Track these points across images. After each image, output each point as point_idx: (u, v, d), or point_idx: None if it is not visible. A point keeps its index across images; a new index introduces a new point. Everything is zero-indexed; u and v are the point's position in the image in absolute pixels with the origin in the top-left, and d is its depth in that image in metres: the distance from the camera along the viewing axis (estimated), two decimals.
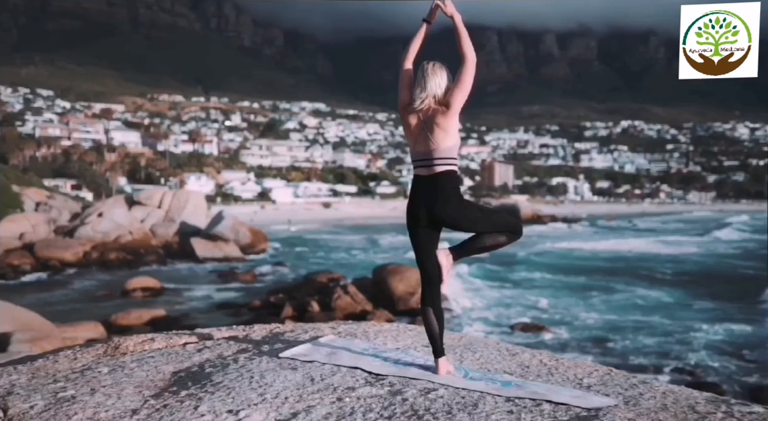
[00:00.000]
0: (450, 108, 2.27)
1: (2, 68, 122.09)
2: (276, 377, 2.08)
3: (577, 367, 2.39)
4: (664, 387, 2.12)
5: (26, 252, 24.23)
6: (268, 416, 1.74)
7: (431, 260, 2.32)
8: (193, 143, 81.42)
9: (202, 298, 20.07)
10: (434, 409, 1.82)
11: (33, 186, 35.06)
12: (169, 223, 30.21)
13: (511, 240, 2.35)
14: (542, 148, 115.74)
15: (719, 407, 1.89)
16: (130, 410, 1.78)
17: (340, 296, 16.95)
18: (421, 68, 2.35)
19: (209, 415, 1.74)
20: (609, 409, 1.87)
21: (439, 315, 2.33)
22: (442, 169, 2.26)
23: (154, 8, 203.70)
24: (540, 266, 27.13)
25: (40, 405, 1.81)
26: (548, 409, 1.85)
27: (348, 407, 1.83)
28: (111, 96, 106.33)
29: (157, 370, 2.19)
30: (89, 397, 1.86)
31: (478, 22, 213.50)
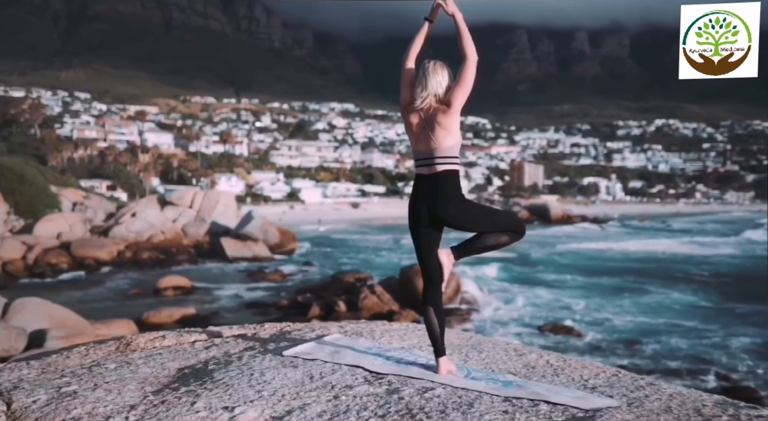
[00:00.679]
0: (451, 107, 2.26)
1: (43, 72, 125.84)
2: (275, 375, 2.11)
3: (584, 368, 2.37)
4: (672, 389, 2.09)
5: (63, 251, 24.84)
6: (263, 412, 1.76)
7: (432, 260, 2.32)
8: (224, 144, 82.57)
9: (232, 297, 20.31)
10: (429, 408, 1.83)
11: (70, 187, 35.99)
12: (200, 223, 30.68)
13: (514, 240, 2.33)
14: (573, 147, 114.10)
15: (726, 410, 1.86)
16: (129, 406, 1.82)
17: (366, 296, 16.99)
18: (422, 67, 2.34)
19: (205, 411, 1.77)
20: (608, 410, 1.86)
21: (440, 314, 2.32)
22: (444, 168, 2.27)
23: (187, 11, 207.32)
24: (570, 267, 26.76)
25: (42, 400, 1.87)
26: (545, 409, 1.84)
27: (343, 405, 1.85)
28: (145, 98, 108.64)
29: (163, 367, 2.24)
30: (90, 392, 1.91)
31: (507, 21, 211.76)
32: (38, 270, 23.17)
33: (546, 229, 50.13)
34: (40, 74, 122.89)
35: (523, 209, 59.95)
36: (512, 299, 19.40)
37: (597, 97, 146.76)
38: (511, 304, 18.73)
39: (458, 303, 17.86)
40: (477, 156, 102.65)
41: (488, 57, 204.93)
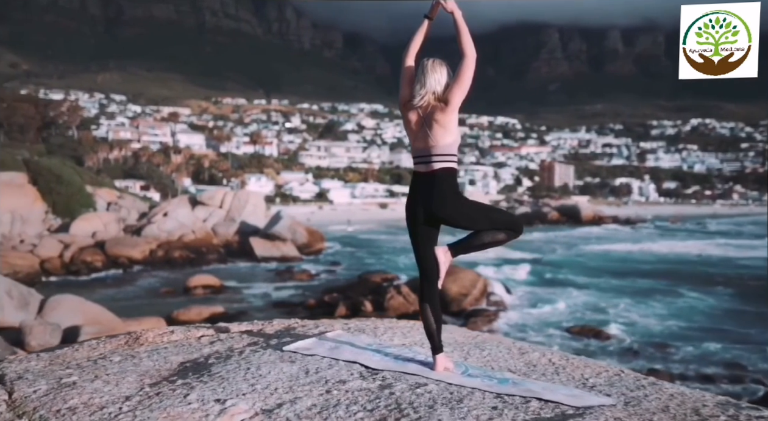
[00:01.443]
0: (449, 105, 2.25)
1: (81, 75, 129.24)
2: (271, 369, 2.14)
3: (587, 367, 2.35)
4: (674, 389, 2.06)
5: (98, 249, 25.43)
6: (254, 405, 1.79)
7: (429, 257, 2.32)
8: (254, 145, 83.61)
9: (260, 296, 20.53)
10: (418, 403, 1.83)
11: (105, 187, 36.85)
12: (230, 222, 31.10)
13: (511, 237, 2.32)
14: (605, 147, 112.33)
15: (726, 410, 1.83)
16: (124, 397, 1.87)
17: (393, 296, 17.01)
18: (420, 65, 2.34)
19: (196, 403, 1.81)
20: (600, 408, 1.84)
21: (437, 312, 2.33)
22: (441, 166, 2.26)
23: (219, 14, 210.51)
24: (600, 269, 26.36)
25: (42, 390, 1.93)
26: (535, 406, 1.83)
27: (334, 399, 1.87)
28: (178, 100, 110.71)
29: (166, 360, 2.29)
30: (89, 383, 1.97)
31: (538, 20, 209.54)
32: (74, 268, 23.76)
33: (576, 230, 49.47)
34: (78, 77, 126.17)
35: (552, 210, 59.25)
36: (540, 301, 19.19)
37: (630, 97, 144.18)
38: (539, 306, 18.53)
39: (485, 305, 17.75)
40: (506, 157, 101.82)
41: (518, 57, 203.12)
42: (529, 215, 58.53)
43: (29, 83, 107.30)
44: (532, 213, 58.90)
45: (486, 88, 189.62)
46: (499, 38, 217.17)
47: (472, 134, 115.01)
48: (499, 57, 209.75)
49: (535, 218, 56.84)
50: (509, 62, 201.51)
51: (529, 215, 58.48)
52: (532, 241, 39.66)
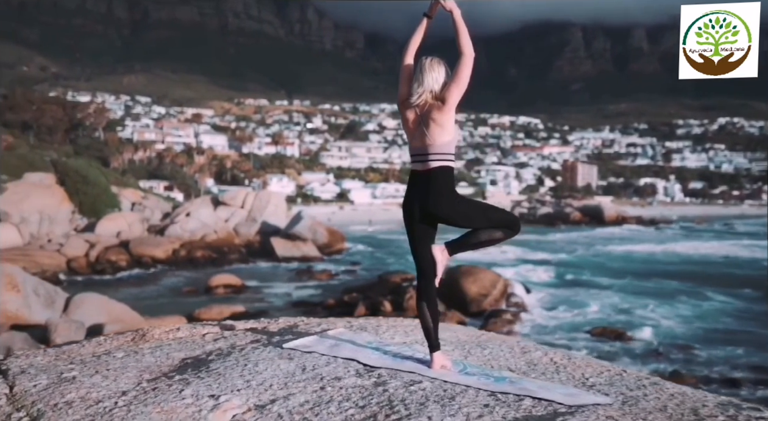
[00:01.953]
0: (446, 103, 2.25)
1: (107, 78, 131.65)
2: (268, 366, 2.16)
3: (588, 366, 2.34)
4: (675, 389, 2.03)
5: (122, 249, 25.83)
6: (248, 401, 1.82)
7: (426, 256, 2.33)
8: (275, 145, 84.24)
9: (281, 295, 20.64)
10: (410, 400, 1.84)
11: (130, 187, 37.47)
12: (251, 222, 31.36)
13: (508, 236, 2.32)
14: (629, 147, 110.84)
15: (726, 410, 1.80)
16: (121, 392, 1.91)
17: (412, 297, 16.95)
18: (419, 63, 2.34)
19: (191, 398, 1.84)
20: (594, 407, 1.83)
21: (434, 310, 2.33)
22: (437, 164, 2.26)
23: (241, 16, 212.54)
24: (623, 270, 26.01)
25: (42, 384, 1.99)
26: (527, 404, 1.83)
27: (328, 395, 1.89)
28: (201, 101, 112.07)
29: (168, 357, 2.33)
30: (88, 378, 2.02)
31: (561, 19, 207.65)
32: (99, 267, 24.15)
33: (599, 230, 48.90)
34: (104, 80, 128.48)
35: (575, 210, 58.62)
36: (561, 303, 19.01)
37: (655, 96, 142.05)
38: (559, 307, 18.35)
39: (506, 306, 17.62)
40: (528, 157, 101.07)
41: (541, 56, 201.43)
42: (550, 215, 58.02)
43: (58, 86, 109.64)
44: (554, 213, 58.36)
45: (508, 87, 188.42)
46: (521, 37, 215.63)
47: (494, 134, 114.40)
48: (521, 56, 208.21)
49: (556, 218, 56.30)
50: (531, 62, 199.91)
51: (551, 215, 57.96)
52: (554, 241, 39.33)
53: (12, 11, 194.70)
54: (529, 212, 60.57)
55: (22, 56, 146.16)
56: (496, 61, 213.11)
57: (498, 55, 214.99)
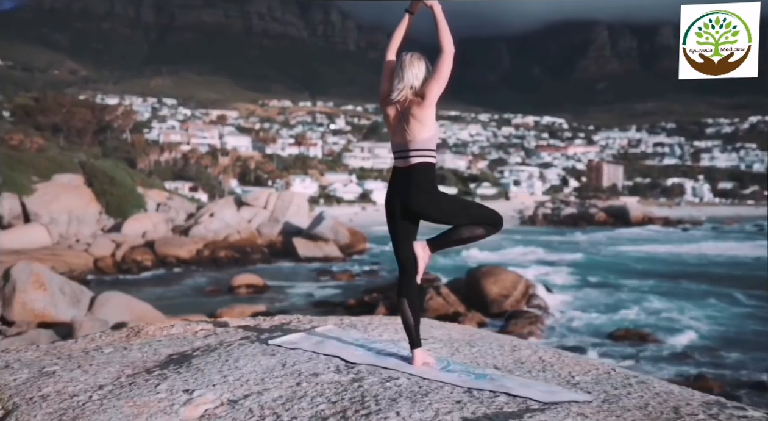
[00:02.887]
0: (425, 99, 2.24)
1: (135, 80, 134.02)
2: (249, 362, 2.17)
3: (577, 365, 2.31)
4: (662, 388, 2.00)
5: (147, 249, 26.22)
6: (221, 396, 1.82)
7: (407, 252, 2.31)
8: (298, 146, 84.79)
9: (302, 295, 20.76)
10: (382, 396, 1.84)
11: (155, 188, 38.05)
12: (274, 223, 31.60)
13: (489, 232, 2.30)
14: (656, 147, 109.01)
15: (709, 409, 1.77)
16: (97, 386, 1.93)
17: (432, 297, 16.91)
18: (399, 59, 2.34)
19: (164, 393, 1.85)
20: (567, 404, 1.81)
21: (415, 306, 2.32)
22: (418, 160, 2.26)
23: (266, 18, 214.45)
24: (648, 272, 25.59)
25: (22, 378, 2.02)
26: (501, 401, 1.82)
27: (302, 391, 1.89)
28: (226, 103, 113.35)
29: (155, 353, 2.35)
30: (68, 373, 2.05)
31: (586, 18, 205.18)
32: (125, 267, 24.56)
33: (623, 230, 48.19)
34: (132, 82, 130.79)
35: (600, 211, 57.84)
36: (584, 304, 18.77)
37: (684, 94, 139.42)
38: (582, 309, 18.12)
39: (527, 307, 17.45)
40: (553, 157, 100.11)
41: (565, 55, 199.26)
42: (574, 216, 57.32)
43: (87, 89, 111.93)
44: (578, 214, 57.65)
45: (532, 87, 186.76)
46: (545, 37, 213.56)
47: (518, 134, 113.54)
48: (545, 56, 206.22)
49: (581, 219, 55.62)
50: (556, 61, 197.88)
51: (575, 216, 57.26)
52: (578, 242, 38.88)
53: (44, 17, 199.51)
54: (553, 212, 59.93)
55: (53, 60, 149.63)
56: (520, 61, 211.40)
57: (521, 55, 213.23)
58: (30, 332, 11.91)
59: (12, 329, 12.33)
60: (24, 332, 11.82)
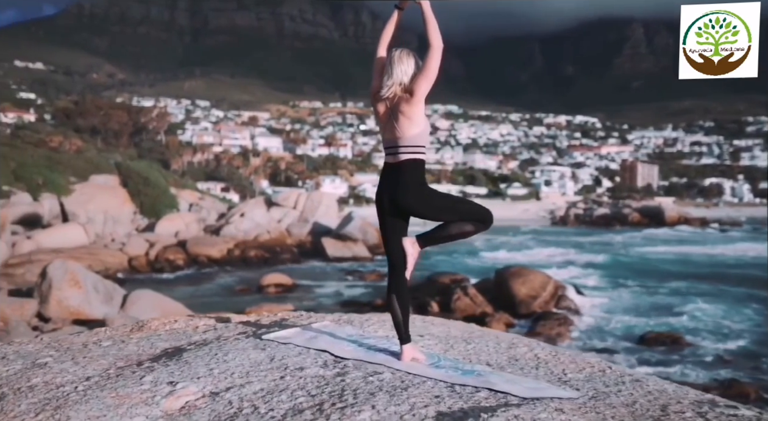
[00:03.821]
0: (414, 95, 2.24)
1: (170, 83, 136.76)
2: (238, 356, 2.19)
3: (572, 362, 2.28)
4: (656, 386, 1.96)
5: (180, 248, 26.70)
6: (204, 388, 1.85)
7: (396, 248, 2.31)
8: (329, 147, 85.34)
9: (330, 295, 20.87)
10: (362, 390, 1.84)
11: (188, 188, 38.78)
12: (303, 223, 31.86)
13: (479, 229, 2.29)
14: (693, 146, 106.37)
15: (699, 407, 1.74)
16: (85, 377, 1.97)
17: (459, 297, 16.83)
18: (389, 56, 2.34)
19: (148, 384, 1.89)
20: (549, 400, 1.79)
21: (404, 302, 2.31)
22: (407, 157, 2.26)
23: (297, 20, 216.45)
24: (684, 273, 25.00)
25: (15, 369, 2.09)
26: (481, 396, 1.81)
27: (285, 384, 1.90)
28: (258, 104, 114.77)
29: (152, 346, 2.39)
30: (59, 364, 2.11)
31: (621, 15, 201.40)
32: (158, 266, 25.04)
33: (657, 231, 47.18)
34: (167, 85, 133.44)
35: (633, 211, 56.71)
36: (615, 305, 18.44)
37: (723, 92, 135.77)
38: (613, 310, 17.81)
39: (557, 309, 17.23)
40: (585, 156, 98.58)
41: (599, 53, 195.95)
42: (607, 216, 56.32)
43: (124, 91, 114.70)
44: (611, 214, 56.62)
45: (564, 86, 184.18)
46: (578, 35, 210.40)
47: (550, 134, 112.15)
48: (578, 54, 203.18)
49: (614, 219, 54.62)
50: (589, 59, 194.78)
51: (608, 216, 56.25)
52: (610, 243, 38.19)
53: (84, 22, 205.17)
54: (585, 212, 59.01)
55: (92, 64, 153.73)
56: (552, 60, 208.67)
57: (554, 54, 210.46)
58: (65, 328, 12.24)
59: (48, 325, 12.72)
60: (59, 329, 12.16)
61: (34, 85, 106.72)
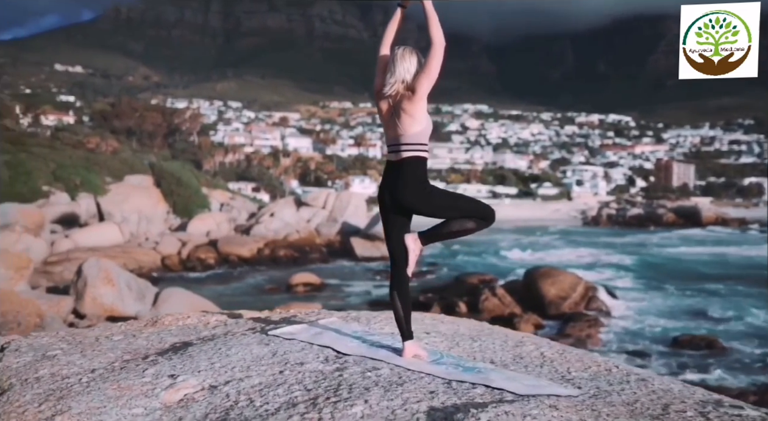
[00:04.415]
0: (415, 93, 2.24)
1: (203, 84, 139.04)
2: (241, 350, 2.21)
3: (579, 361, 2.25)
4: (662, 386, 1.91)
5: (211, 247, 27.10)
6: (204, 381, 1.87)
7: (398, 244, 2.32)
8: (358, 147, 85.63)
9: (358, 294, 20.93)
10: (358, 385, 1.85)
11: (219, 188, 39.38)
12: (332, 223, 32.04)
13: (481, 226, 2.29)
14: (732, 144, 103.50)
15: (703, 407, 1.70)
16: (90, 370, 2.02)
17: (487, 298, 16.71)
18: (392, 54, 2.35)
19: (150, 377, 1.92)
20: (546, 397, 1.77)
21: (405, 299, 2.32)
22: (408, 155, 2.26)
23: (327, 21, 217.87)
24: (720, 275, 24.35)
25: (25, 361, 2.15)
26: (476, 392, 1.80)
27: (283, 379, 1.92)
28: (288, 105, 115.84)
29: (161, 341, 2.43)
30: (67, 357, 2.16)
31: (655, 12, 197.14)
32: (190, 264, 25.47)
33: (692, 231, 46.05)
34: (200, 87, 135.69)
35: (668, 212, 55.44)
36: (647, 307, 18.08)
37: (763, 89, 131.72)
38: (645, 312, 17.46)
39: (587, 310, 16.97)
40: (618, 156, 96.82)
41: (633, 51, 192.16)
42: (641, 216, 55.19)
43: (159, 93, 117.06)
44: (645, 215, 55.43)
45: (597, 85, 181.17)
46: (611, 32, 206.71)
47: (582, 133, 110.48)
48: (611, 52, 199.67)
49: (647, 220, 53.47)
50: (622, 57, 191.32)
51: (642, 216, 55.12)
52: (643, 243, 37.42)
53: (120, 26, 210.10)
54: (618, 213, 57.93)
55: (128, 67, 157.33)
56: (585, 58, 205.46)
57: (586, 52, 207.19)
58: (100, 324, 12.56)
59: (83, 321, 13.05)
60: (94, 325, 12.48)
61: (74, 88, 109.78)
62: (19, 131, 41.18)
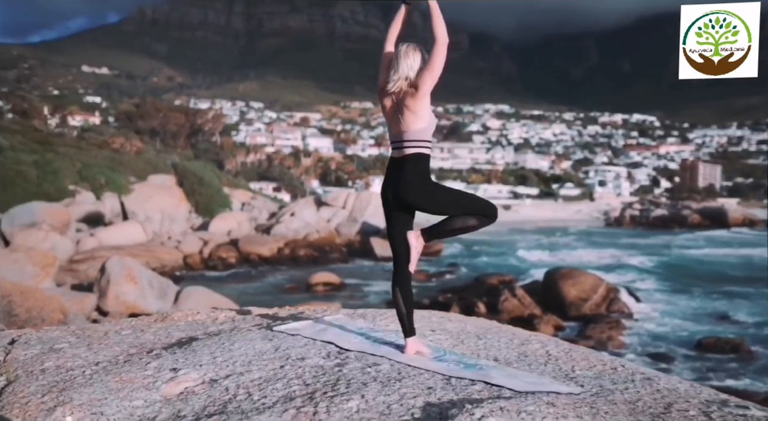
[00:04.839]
0: (418, 90, 2.24)
1: (225, 85, 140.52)
2: (244, 345, 2.22)
3: (584, 360, 2.22)
4: (668, 385, 1.88)
5: (232, 247, 27.35)
6: (204, 375, 1.89)
7: (400, 241, 2.32)
8: (378, 147, 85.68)
9: (379, 294, 20.93)
10: (356, 380, 1.85)
11: (240, 188, 39.72)
12: (352, 222, 32.13)
13: (483, 224, 2.27)
14: (761, 144, 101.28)
15: (707, 407, 1.67)
16: (94, 362, 2.05)
17: (507, 299, 16.62)
18: (396, 50, 2.35)
19: (152, 370, 1.94)
20: (545, 394, 1.75)
21: (407, 296, 2.32)
22: (411, 151, 2.26)
23: (348, 22, 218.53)
24: (745, 277, 23.86)
25: (32, 353, 2.19)
26: (474, 389, 1.79)
27: (283, 373, 1.93)
28: (310, 105, 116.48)
29: (168, 335, 2.46)
30: (74, 350, 2.20)
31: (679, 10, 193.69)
32: (211, 263, 25.74)
33: (718, 233, 45.20)
34: (222, 87, 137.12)
35: (693, 213, 54.46)
36: (670, 309, 17.81)
37: None
38: (668, 315, 17.19)
39: (608, 312, 16.76)
40: (642, 156, 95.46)
41: (657, 50, 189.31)
42: (665, 217, 54.30)
43: (182, 94, 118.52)
44: (669, 216, 54.51)
45: (621, 84, 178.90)
46: (635, 31, 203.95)
47: (605, 133, 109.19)
48: (635, 51, 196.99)
49: (672, 221, 52.58)
50: (647, 56, 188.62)
51: (666, 217, 54.23)
52: (667, 244, 36.84)
53: (145, 28, 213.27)
54: (642, 214, 57.07)
55: (153, 68, 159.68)
56: (608, 57, 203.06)
57: (610, 51, 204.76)
58: (111, 320, 12.75)
59: (106, 318, 13.27)
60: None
61: (100, 89, 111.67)
62: (47, 132, 42.00)
